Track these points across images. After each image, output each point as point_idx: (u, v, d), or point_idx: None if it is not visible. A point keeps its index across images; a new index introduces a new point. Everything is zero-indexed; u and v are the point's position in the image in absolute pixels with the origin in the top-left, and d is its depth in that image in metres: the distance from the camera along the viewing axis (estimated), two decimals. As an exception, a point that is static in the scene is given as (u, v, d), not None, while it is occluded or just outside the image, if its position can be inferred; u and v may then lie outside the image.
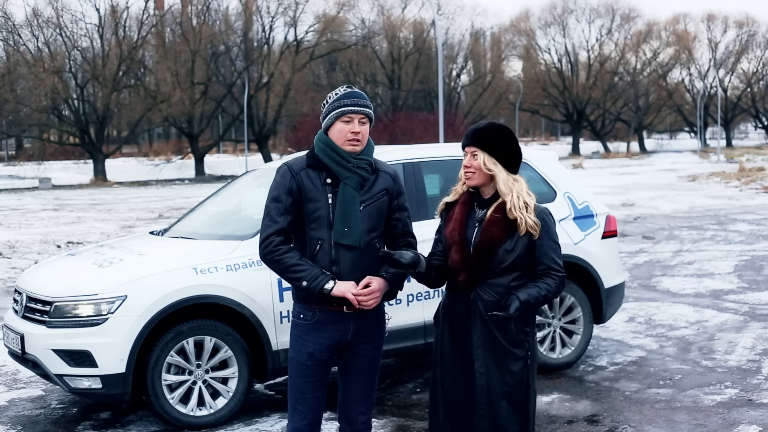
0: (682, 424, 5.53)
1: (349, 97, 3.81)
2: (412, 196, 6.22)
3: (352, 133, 3.77)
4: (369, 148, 3.88)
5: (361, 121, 3.81)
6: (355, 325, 3.84)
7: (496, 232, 3.63)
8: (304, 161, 3.86)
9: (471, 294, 3.67)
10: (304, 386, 3.87)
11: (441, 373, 3.78)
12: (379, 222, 3.87)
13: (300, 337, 3.86)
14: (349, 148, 3.78)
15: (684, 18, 78.55)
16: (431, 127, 41.03)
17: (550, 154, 7.32)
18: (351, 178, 3.78)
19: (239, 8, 53.49)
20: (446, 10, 62.90)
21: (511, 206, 3.63)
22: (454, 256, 3.69)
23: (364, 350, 3.92)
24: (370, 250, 3.81)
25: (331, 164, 3.78)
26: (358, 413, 3.96)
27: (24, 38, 44.17)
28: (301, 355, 3.85)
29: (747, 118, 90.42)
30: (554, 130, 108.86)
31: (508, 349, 3.65)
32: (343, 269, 3.77)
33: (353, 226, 3.75)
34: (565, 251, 6.59)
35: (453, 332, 3.74)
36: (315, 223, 3.78)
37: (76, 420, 5.94)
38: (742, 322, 8.36)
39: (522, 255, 3.66)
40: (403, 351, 6.25)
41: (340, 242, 3.76)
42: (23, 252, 14.46)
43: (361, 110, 3.80)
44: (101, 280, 5.54)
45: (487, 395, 3.65)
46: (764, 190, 25.55)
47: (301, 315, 3.86)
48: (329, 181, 3.79)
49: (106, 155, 44.42)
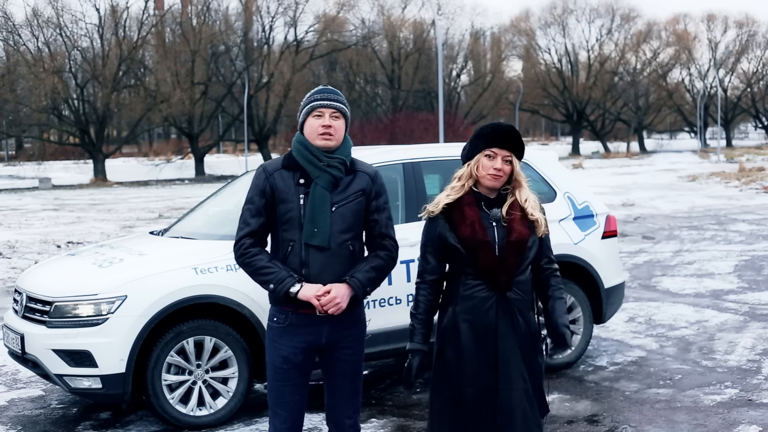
0: (682, 424, 5.53)
1: (320, 92, 3.81)
2: (412, 196, 6.23)
3: (323, 127, 3.73)
4: (345, 147, 3.81)
5: (333, 116, 3.76)
6: (329, 329, 3.78)
7: (523, 230, 3.68)
8: (280, 162, 3.82)
9: (507, 294, 3.67)
10: (282, 390, 3.82)
11: (461, 381, 3.70)
12: (354, 224, 3.78)
13: (274, 341, 3.82)
14: (320, 143, 3.73)
15: (684, 18, 78.69)
16: (431, 127, 41.01)
17: (550, 154, 7.32)
18: (322, 177, 3.71)
19: (239, 8, 53.55)
20: (446, 10, 62.99)
21: (532, 210, 3.71)
22: (486, 258, 3.62)
23: (344, 354, 3.85)
24: (343, 252, 3.74)
25: (304, 163, 3.73)
26: (345, 417, 3.91)
27: (24, 38, 44.23)
28: (277, 358, 3.80)
29: (747, 118, 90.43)
30: (554, 130, 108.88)
31: (534, 342, 3.76)
32: (313, 271, 3.70)
33: (322, 226, 3.68)
34: (565, 251, 6.61)
35: (477, 337, 3.67)
36: (287, 224, 3.73)
37: (76, 420, 5.94)
38: (742, 322, 8.36)
39: (537, 251, 3.76)
40: (403, 351, 6.23)
41: (309, 243, 3.70)
42: (23, 252, 14.46)
43: (332, 104, 3.76)
44: (101, 280, 5.54)
45: (518, 391, 3.65)
46: (764, 190, 25.55)
47: (275, 318, 3.82)
48: (302, 182, 3.73)
49: (106, 155, 44.43)
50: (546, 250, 3.82)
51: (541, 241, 3.77)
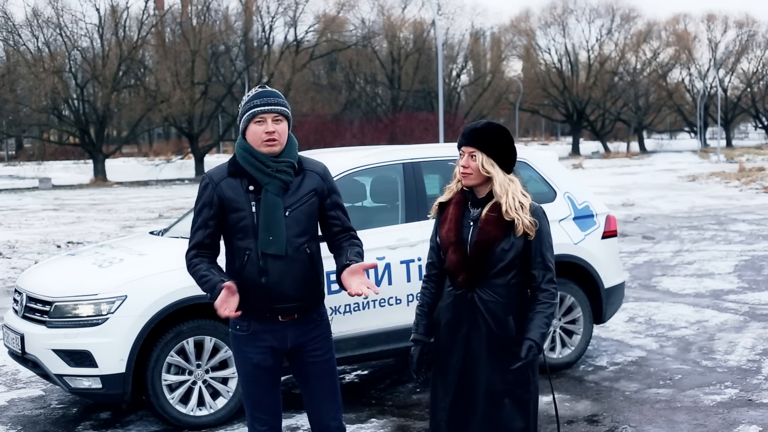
0: (682, 424, 5.53)
1: (259, 97, 3.66)
2: (412, 196, 6.23)
3: (267, 134, 3.61)
4: (291, 148, 3.71)
5: (275, 120, 3.64)
6: (293, 332, 3.72)
7: (492, 232, 3.61)
8: (225, 170, 3.71)
9: (470, 294, 3.65)
10: (257, 394, 3.77)
11: (441, 377, 3.74)
12: (308, 226, 3.70)
13: (240, 349, 3.76)
14: (266, 150, 3.62)
15: (684, 18, 78.63)
16: (431, 127, 41.06)
17: (550, 154, 7.32)
18: (272, 184, 3.61)
19: (239, 8, 53.52)
20: (446, 10, 62.94)
21: (507, 208, 3.60)
22: (452, 257, 3.66)
23: (314, 356, 3.77)
24: (300, 256, 3.65)
25: (251, 170, 3.63)
26: (330, 419, 3.84)
27: (24, 38, 44.15)
28: (246, 366, 3.75)
29: (747, 118, 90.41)
30: (554, 130, 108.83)
31: (507, 348, 3.64)
32: (272, 279, 3.62)
33: (278, 234, 3.59)
34: (565, 251, 6.62)
35: (453, 335, 3.70)
36: (241, 233, 3.65)
37: (76, 420, 5.94)
38: (742, 322, 8.36)
39: (518, 253, 3.64)
40: (403, 351, 6.25)
41: (266, 252, 3.60)
42: (23, 252, 14.46)
43: (273, 108, 3.63)
44: (101, 280, 5.54)
45: (488, 395, 3.64)
46: (764, 190, 25.55)
47: (237, 326, 3.76)
48: (252, 188, 3.63)
49: (106, 155, 44.39)
50: (537, 255, 3.65)
51: (528, 243, 3.63)
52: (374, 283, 5.93)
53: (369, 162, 6.31)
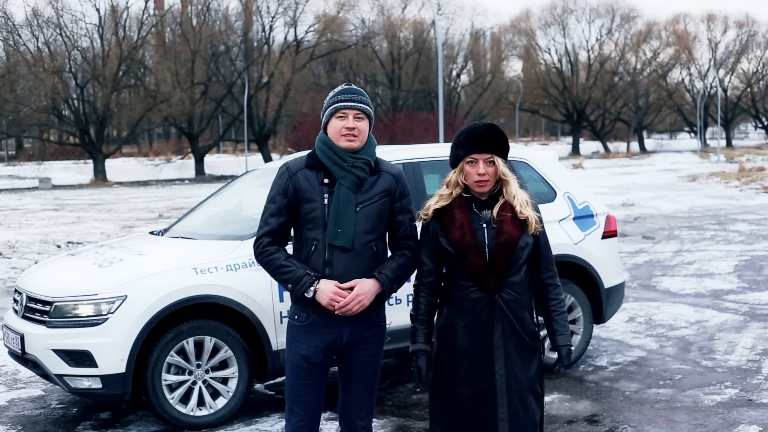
0: (682, 424, 5.53)
1: (344, 93, 3.81)
2: (412, 197, 6.21)
3: (347, 129, 3.73)
4: (369, 147, 3.82)
5: (357, 117, 3.76)
6: (350, 329, 3.78)
7: (513, 232, 3.64)
8: (303, 161, 3.82)
9: (495, 296, 3.65)
10: (300, 388, 3.83)
11: (456, 380, 3.71)
12: (378, 224, 3.78)
13: (294, 339, 3.83)
14: (345, 144, 3.74)
15: (684, 18, 78.62)
16: (431, 127, 41.03)
17: (550, 154, 7.32)
18: (346, 178, 3.72)
19: (239, 8, 53.53)
20: (446, 10, 62.92)
21: (521, 208, 3.66)
22: (475, 261, 3.62)
23: (363, 356, 3.86)
24: (366, 252, 3.74)
25: (328, 163, 3.74)
26: (358, 418, 3.92)
27: (24, 38, 44.21)
28: (296, 357, 3.81)
29: (747, 118, 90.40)
30: (554, 130, 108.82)
31: (529, 343, 3.72)
32: (336, 271, 3.70)
33: (346, 227, 3.68)
34: (565, 251, 6.62)
35: (472, 338, 3.68)
36: (311, 223, 3.74)
37: (76, 420, 5.94)
38: (742, 322, 8.36)
39: (531, 250, 3.71)
40: (404, 351, 6.23)
41: (333, 243, 3.70)
42: (23, 252, 14.46)
43: (355, 105, 3.77)
44: (101, 280, 5.54)
45: (511, 393, 3.66)
46: (764, 190, 25.55)
47: (296, 316, 3.83)
48: (326, 181, 3.73)
49: (106, 155, 44.42)
50: (544, 251, 3.76)
51: (537, 240, 3.72)
52: None
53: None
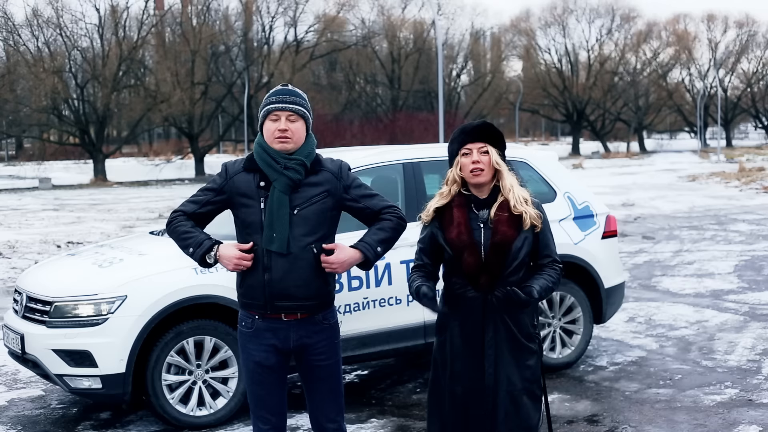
0: (682, 424, 5.53)
1: (276, 94, 3.73)
2: (412, 196, 6.22)
3: (279, 131, 3.65)
4: (306, 147, 3.72)
5: (290, 119, 3.67)
6: (296, 333, 3.72)
7: (508, 231, 3.64)
8: (241, 164, 3.76)
9: (489, 295, 3.65)
10: (260, 393, 3.78)
11: (450, 378, 3.73)
12: (317, 226, 3.67)
13: (244, 346, 3.79)
14: (278, 146, 3.66)
15: (684, 18, 78.61)
16: (431, 127, 41.06)
17: (550, 154, 7.32)
18: (279, 181, 3.63)
19: (239, 8, 53.54)
20: (446, 10, 62.96)
21: (515, 202, 3.65)
22: (469, 260, 3.64)
23: (318, 360, 3.77)
24: (305, 255, 3.64)
25: (263, 165, 3.67)
26: (328, 420, 3.85)
27: (24, 38, 44.16)
28: (249, 363, 3.77)
29: (747, 118, 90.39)
30: (554, 130, 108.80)
31: (524, 345, 3.70)
32: (275, 276, 3.63)
33: (280, 231, 3.60)
34: (565, 251, 6.61)
35: (465, 337, 3.69)
36: (249, 228, 3.69)
37: (76, 420, 5.94)
38: (742, 322, 8.36)
39: (529, 249, 3.70)
40: (404, 351, 6.26)
41: (268, 248, 3.63)
42: (23, 252, 14.46)
43: (287, 107, 3.68)
44: (101, 280, 5.54)
45: (503, 393, 3.66)
46: (764, 190, 25.55)
47: (243, 322, 3.79)
48: (262, 184, 3.67)
49: (106, 155, 44.40)
50: (545, 249, 3.74)
51: (536, 238, 3.70)
52: (375, 282, 5.95)
53: (369, 162, 6.31)
